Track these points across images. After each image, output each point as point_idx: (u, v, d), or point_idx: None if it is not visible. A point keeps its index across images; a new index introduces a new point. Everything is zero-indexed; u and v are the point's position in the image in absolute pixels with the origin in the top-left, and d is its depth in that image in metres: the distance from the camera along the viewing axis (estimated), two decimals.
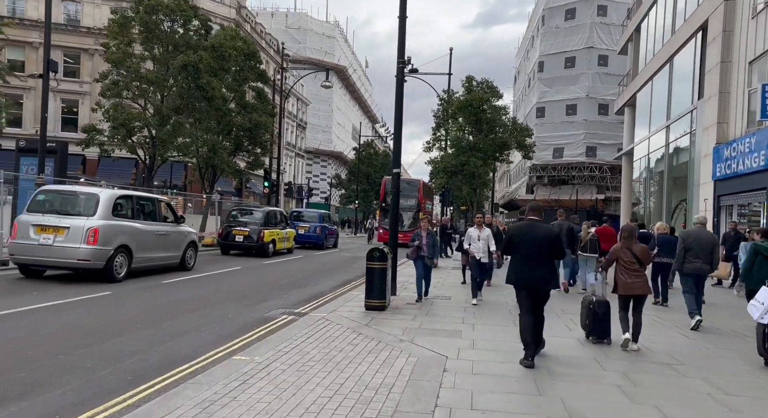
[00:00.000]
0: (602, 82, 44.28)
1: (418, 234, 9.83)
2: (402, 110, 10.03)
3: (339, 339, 6.56)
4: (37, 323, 6.80)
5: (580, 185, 44.12)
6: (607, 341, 6.92)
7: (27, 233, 10.01)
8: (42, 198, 10.54)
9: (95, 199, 10.38)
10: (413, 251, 9.72)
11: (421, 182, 29.67)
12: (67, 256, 9.90)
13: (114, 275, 10.36)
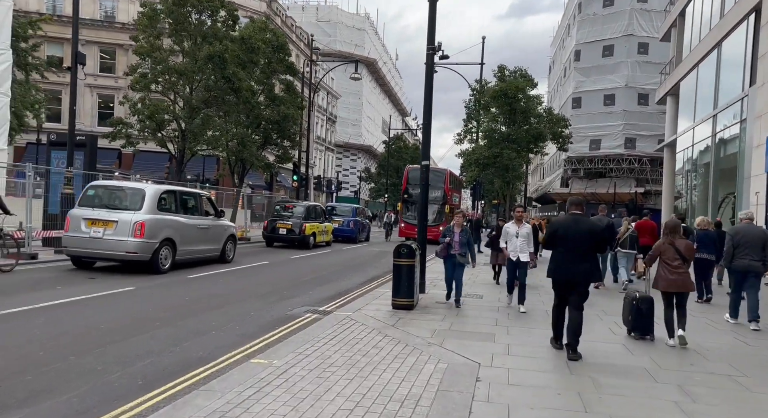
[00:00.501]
0: (642, 71, 42.54)
1: (450, 229, 8.84)
2: (431, 99, 9.55)
3: (363, 341, 6.17)
4: (54, 320, 6.63)
5: (618, 178, 42.59)
6: (650, 337, 6.84)
7: (79, 226, 10.50)
8: (92, 193, 11.04)
9: (141, 194, 10.82)
10: (443, 249, 8.74)
11: (448, 172, 27.61)
12: (115, 248, 10.39)
13: (159, 267, 10.77)
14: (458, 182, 31.44)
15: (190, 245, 11.83)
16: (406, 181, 26.41)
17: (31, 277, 9.90)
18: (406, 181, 26.41)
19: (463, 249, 8.73)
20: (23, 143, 32.64)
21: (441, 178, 26.81)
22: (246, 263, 13.82)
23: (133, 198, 10.84)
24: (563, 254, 6.01)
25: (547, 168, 60.25)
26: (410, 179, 26.12)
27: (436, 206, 25.70)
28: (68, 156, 12.52)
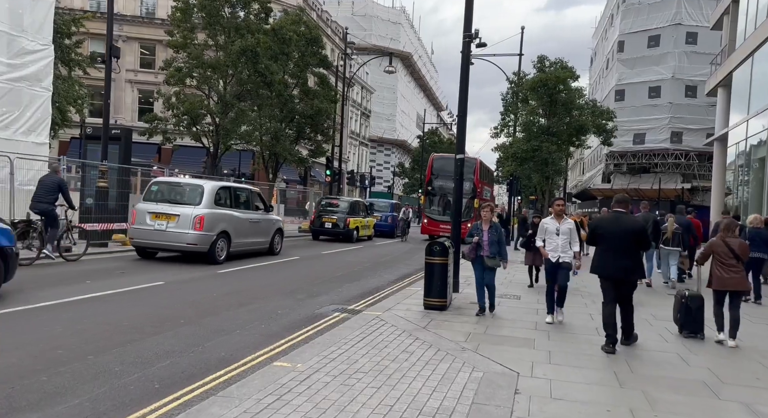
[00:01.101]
0: (690, 62, 40.63)
1: (478, 227, 7.65)
2: (467, 89, 9.09)
3: (392, 345, 5.82)
4: (78, 316, 6.52)
5: (663, 174, 40.89)
6: (700, 336, 6.83)
7: (144, 220, 11.32)
8: (155, 189, 11.95)
9: (200, 190, 11.63)
10: (471, 249, 7.60)
11: (479, 162, 24.87)
12: (177, 240, 11.18)
13: (216, 258, 11.49)
14: (489, 174, 28.75)
15: (243, 237, 12.53)
16: (430, 171, 24.06)
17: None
18: (430, 171, 24.06)
19: (493, 249, 7.52)
20: (67, 138, 33.58)
21: (471, 169, 24.01)
22: (279, 258, 13.68)
23: (193, 193, 11.62)
24: (605, 251, 6.20)
25: (587, 163, 58.46)
26: (435, 169, 23.94)
27: (465, 200, 22.96)
28: (102, 150, 12.61)
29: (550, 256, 7.31)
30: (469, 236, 7.68)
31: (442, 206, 23.58)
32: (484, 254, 7.52)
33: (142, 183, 20.41)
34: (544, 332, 6.87)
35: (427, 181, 24.36)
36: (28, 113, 17.85)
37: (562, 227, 7.33)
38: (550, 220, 7.48)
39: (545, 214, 26.39)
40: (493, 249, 7.53)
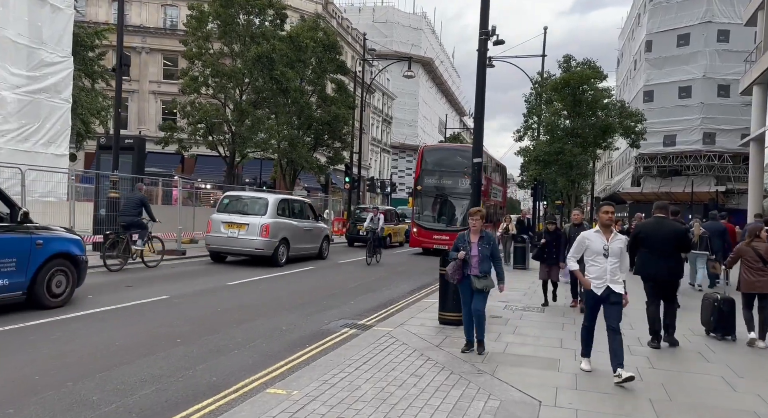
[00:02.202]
0: (722, 60, 39.11)
1: (464, 239, 5.98)
2: (484, 88, 8.57)
3: (401, 367, 5.31)
4: (69, 335, 6.16)
5: (696, 176, 39.34)
6: (732, 337, 6.99)
7: (218, 228, 13.10)
8: (227, 202, 13.89)
9: (265, 202, 13.38)
10: (455, 269, 5.93)
11: None
12: (247, 246, 12.81)
13: (278, 261, 13.12)
14: (500, 170, 23.96)
15: (299, 243, 14.02)
16: (421, 166, 19.32)
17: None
18: (421, 166, 19.32)
19: (484, 267, 5.88)
20: (93, 149, 34.05)
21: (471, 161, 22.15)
22: (292, 268, 13.29)
23: (259, 205, 13.36)
24: (648, 254, 6.59)
25: (615, 166, 56.93)
26: (427, 164, 19.33)
27: (465, 201, 17.90)
28: (113, 159, 12.46)
29: (594, 286, 5.27)
30: (454, 251, 6.01)
31: (436, 211, 19.40)
32: (472, 272, 5.89)
33: (163, 193, 20.42)
34: (570, 351, 6.28)
35: (417, 179, 19.54)
36: (48, 125, 18.02)
37: (613, 245, 5.26)
38: (594, 234, 5.42)
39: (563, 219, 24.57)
40: (484, 267, 5.87)
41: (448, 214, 19.06)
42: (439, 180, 18.97)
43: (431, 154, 20.16)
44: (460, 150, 20.63)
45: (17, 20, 16.59)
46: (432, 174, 19.34)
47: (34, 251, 6.96)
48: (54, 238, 7.40)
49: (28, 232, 6.97)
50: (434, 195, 19.31)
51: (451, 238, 14.82)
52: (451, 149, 21.25)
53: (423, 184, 19.31)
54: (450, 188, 18.89)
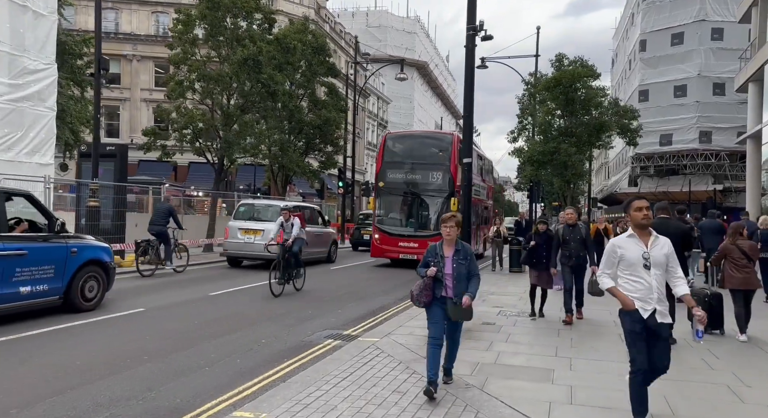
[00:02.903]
0: (717, 59, 38.95)
1: (435, 252, 4.69)
2: (473, 85, 8.24)
3: (383, 382, 4.94)
4: (29, 354, 5.76)
5: (693, 175, 39.09)
6: (720, 331, 7.24)
7: (235, 235, 13.92)
8: (243, 209, 14.80)
9: (278, 209, 13.32)
10: (421, 290, 4.61)
11: (455, 139, 15.53)
12: (262, 251, 12.91)
13: None
14: (483, 164, 19.79)
15: (310, 247, 13.84)
16: (383, 156, 15.82)
17: None
18: (383, 156, 15.82)
19: (460, 289, 4.56)
20: None
21: (443, 151, 15.51)
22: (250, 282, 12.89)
23: (273, 212, 13.90)
24: None
25: (612, 167, 56.70)
26: (392, 154, 15.92)
27: (437, 200, 15.16)
28: (93, 167, 12.10)
29: (638, 306, 3.86)
30: (422, 267, 4.69)
31: (403, 213, 15.82)
32: (447, 294, 4.57)
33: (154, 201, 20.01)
34: (565, 360, 5.91)
35: (378, 173, 15.82)
36: (32, 134, 17.51)
37: (655, 251, 3.91)
38: (627, 240, 4.02)
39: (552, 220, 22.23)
40: (460, 288, 4.54)
41: (417, 216, 15.62)
42: (407, 174, 15.48)
43: (396, 142, 16.48)
44: (432, 137, 17.32)
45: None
46: (397, 167, 15.69)
47: (69, 258, 7.52)
48: (86, 246, 8.00)
49: (64, 241, 7.53)
50: (400, 193, 15.67)
51: (421, 245, 13.41)
52: (421, 136, 17.59)
53: (386, 179, 15.59)
54: (420, 184, 15.40)
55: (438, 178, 15.19)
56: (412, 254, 14.50)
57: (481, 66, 23.36)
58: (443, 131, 19.63)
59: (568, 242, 7.85)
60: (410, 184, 15.49)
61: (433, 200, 15.45)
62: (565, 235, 7.87)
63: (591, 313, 8.42)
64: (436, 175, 15.21)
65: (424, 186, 15.42)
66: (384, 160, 15.85)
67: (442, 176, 15.23)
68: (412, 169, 15.48)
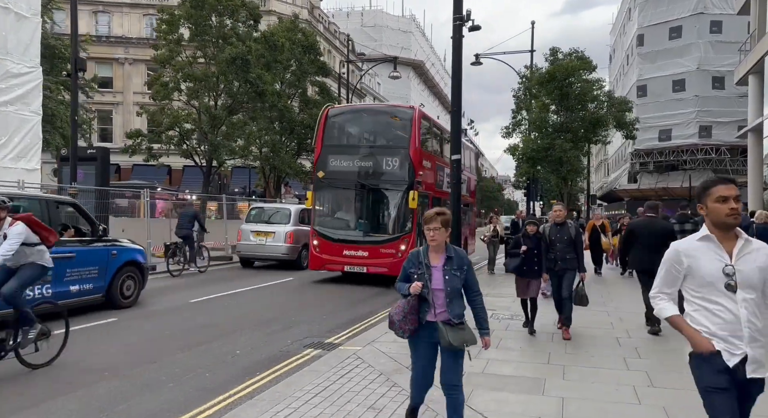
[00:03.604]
0: (716, 52, 38.53)
1: (418, 260, 3.52)
2: (461, 78, 7.89)
3: (359, 397, 4.55)
4: None
5: (693, 171, 38.65)
6: None
7: (248, 237, 14.41)
8: (255, 212, 15.45)
9: (288, 212, 14.78)
10: (405, 315, 3.46)
11: (417, 116, 12.12)
12: (274, 251, 14.11)
13: (301, 264, 14.18)
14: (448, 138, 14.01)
15: None
16: (323, 138, 12.34)
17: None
18: (323, 138, 12.34)
19: (455, 308, 3.44)
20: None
21: (402, 128, 12.30)
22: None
23: (283, 215, 14.72)
24: (641, 250, 7.17)
25: (612, 163, 56.29)
26: (335, 135, 12.70)
27: (394, 194, 11.77)
28: (71, 171, 11.75)
29: (720, 348, 2.54)
30: (402, 281, 3.57)
31: (350, 211, 12.54)
32: (438, 317, 3.40)
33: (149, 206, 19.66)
34: (558, 368, 5.53)
35: (317, 160, 12.37)
36: (17, 139, 17.15)
37: (745, 264, 2.56)
38: (698, 245, 2.69)
39: None
40: (455, 307, 3.42)
41: (368, 215, 12.16)
42: (354, 161, 12.00)
43: (341, 120, 12.91)
44: (387, 112, 13.75)
45: None
46: (342, 151, 12.28)
47: (110, 260, 8.34)
48: (125, 249, 8.81)
49: (106, 244, 8.39)
50: (346, 185, 12.21)
51: (372, 254, 11.10)
52: (373, 111, 14.39)
53: (327, 167, 12.05)
54: (372, 173, 11.86)
55: (395, 165, 11.63)
56: (360, 266, 11.45)
57: (476, 63, 22.95)
58: (401, 105, 15.97)
59: (554, 244, 6.82)
60: (359, 174, 11.93)
61: (388, 194, 11.99)
62: (552, 235, 6.84)
63: (587, 314, 8.01)
64: (392, 161, 11.68)
65: (376, 176, 11.86)
66: (324, 144, 12.22)
67: (399, 163, 11.59)
68: (361, 154, 12.06)
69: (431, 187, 12.69)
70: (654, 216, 7.36)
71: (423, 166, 11.91)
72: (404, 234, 11.38)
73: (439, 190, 13.21)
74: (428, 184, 12.42)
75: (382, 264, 11.21)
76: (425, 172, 12.10)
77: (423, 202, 11.58)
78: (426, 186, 12.17)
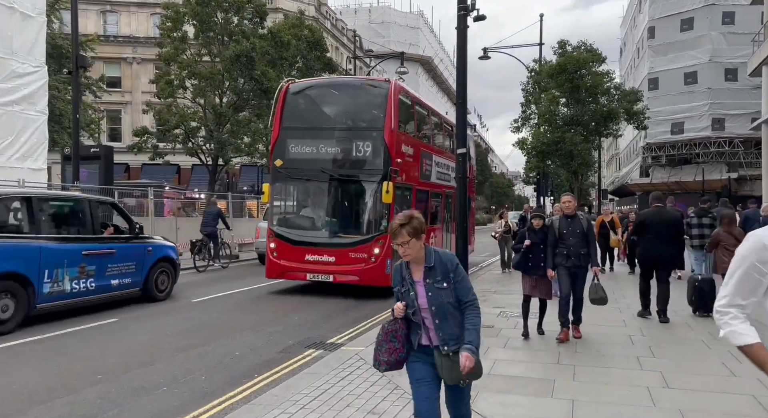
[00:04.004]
0: (728, 43, 37.85)
1: (400, 274, 2.84)
2: (466, 69, 7.67)
3: (359, 401, 4.36)
4: None
5: (706, 164, 38.05)
6: (711, 315, 6.52)
7: (265, 234, 12.64)
8: None
9: None
10: (380, 343, 2.86)
11: (394, 90, 9.94)
12: None
13: None
14: (446, 129, 13.41)
15: None
16: (281, 120, 10.43)
17: None
18: (281, 120, 10.43)
19: (448, 329, 2.76)
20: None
21: (375, 106, 10.25)
22: None
23: None
24: (651, 240, 7.36)
25: (623, 158, 55.60)
26: (294, 117, 10.64)
27: (366, 185, 10.02)
28: (73, 170, 11.67)
29: None
30: (397, 299, 2.86)
31: (314, 207, 10.71)
32: (434, 341, 2.80)
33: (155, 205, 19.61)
34: (568, 368, 5.30)
35: (274, 146, 10.39)
36: (23, 139, 17.18)
37: None
38: None
39: None
40: (448, 328, 2.76)
41: (334, 212, 10.20)
42: (318, 146, 10.10)
43: (303, 97, 10.84)
44: (357, 86, 11.48)
45: None
46: (304, 135, 10.23)
47: (146, 256, 8.86)
48: (159, 245, 9.34)
49: (142, 241, 8.94)
50: (310, 176, 10.12)
51: (340, 259, 9.33)
52: (341, 86, 11.75)
53: (286, 154, 10.11)
54: (339, 161, 10.02)
55: (367, 150, 9.72)
56: (326, 273, 9.59)
57: (484, 57, 22.62)
58: (376, 78, 13.32)
59: (566, 238, 6.27)
60: (324, 162, 9.96)
61: (359, 186, 10.07)
62: (562, 228, 6.31)
63: (598, 311, 7.74)
64: (363, 146, 9.76)
65: (345, 164, 10.00)
66: (283, 126, 10.23)
67: (372, 148, 9.71)
68: (326, 138, 10.14)
69: (414, 178, 10.60)
70: (662, 206, 7.58)
71: (402, 153, 9.95)
72: (378, 235, 9.41)
73: (425, 182, 11.28)
74: (410, 175, 10.38)
75: (352, 271, 9.27)
76: (405, 160, 10.10)
77: (404, 197, 10.15)
78: (407, 177, 10.18)
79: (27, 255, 6.92)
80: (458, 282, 2.78)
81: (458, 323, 2.77)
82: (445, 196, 12.89)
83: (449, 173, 12.82)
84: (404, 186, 10.09)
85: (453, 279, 2.76)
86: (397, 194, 9.57)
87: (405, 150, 10.10)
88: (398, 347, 2.79)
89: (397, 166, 9.60)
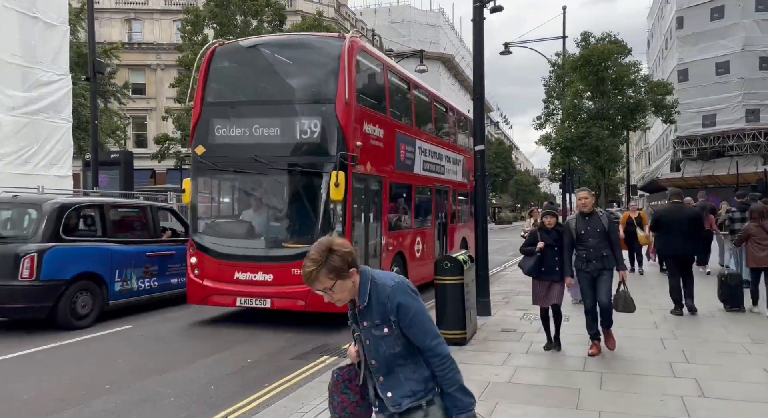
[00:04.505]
0: (762, 31, 36.52)
1: (351, 312, 2.08)
2: (483, 63, 7.42)
3: None
4: None
5: (741, 157, 36.70)
6: (741, 309, 7.58)
7: None
8: None
9: None
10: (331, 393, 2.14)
11: (347, 47, 7.20)
12: None
13: None
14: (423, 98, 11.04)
15: None
16: (203, 94, 7.78)
17: None
18: (203, 94, 7.78)
19: (396, 385, 2.01)
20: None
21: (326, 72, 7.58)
22: None
23: None
24: (668, 235, 7.47)
25: (653, 152, 54.15)
26: (221, 89, 8.23)
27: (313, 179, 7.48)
28: (93, 175, 11.79)
29: None
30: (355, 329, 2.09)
31: (251, 209, 8.02)
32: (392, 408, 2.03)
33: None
34: (595, 376, 4.99)
35: (194, 129, 7.89)
36: (48, 146, 17.51)
37: None
38: None
39: None
40: (394, 386, 2.02)
41: (274, 215, 7.96)
42: (252, 127, 7.65)
43: (232, 63, 8.56)
44: (301, 45, 8.68)
45: (9, 40, 16.19)
46: (234, 113, 7.82)
47: None
48: None
49: None
50: (240, 167, 7.70)
51: (279, 278, 7.03)
52: (280, 46, 8.70)
53: (209, 140, 7.75)
54: (280, 146, 7.49)
55: (314, 131, 7.24)
56: (261, 298, 7.25)
57: (505, 52, 22.20)
58: (327, 35, 10.54)
59: (584, 239, 5.54)
60: (258, 147, 7.47)
61: (305, 179, 7.65)
62: (580, 228, 5.57)
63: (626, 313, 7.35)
64: (309, 125, 7.27)
65: (285, 149, 7.46)
66: (206, 101, 7.83)
67: (320, 127, 7.23)
68: (261, 116, 7.65)
69: (386, 168, 8.36)
70: (679, 202, 7.70)
71: (366, 134, 7.61)
72: None
73: (403, 172, 9.04)
74: (379, 164, 8.08)
75: (295, 293, 6.81)
76: (371, 144, 7.80)
77: (371, 192, 7.91)
78: (374, 164, 7.86)
79: (101, 257, 7.72)
80: (406, 327, 1.96)
81: (408, 378, 2.00)
82: (436, 191, 10.67)
83: (442, 164, 10.85)
84: (370, 178, 7.79)
85: (396, 323, 1.96)
86: (359, 188, 7.42)
87: (369, 130, 7.73)
88: (354, 400, 2.08)
89: (355, 151, 7.12)
